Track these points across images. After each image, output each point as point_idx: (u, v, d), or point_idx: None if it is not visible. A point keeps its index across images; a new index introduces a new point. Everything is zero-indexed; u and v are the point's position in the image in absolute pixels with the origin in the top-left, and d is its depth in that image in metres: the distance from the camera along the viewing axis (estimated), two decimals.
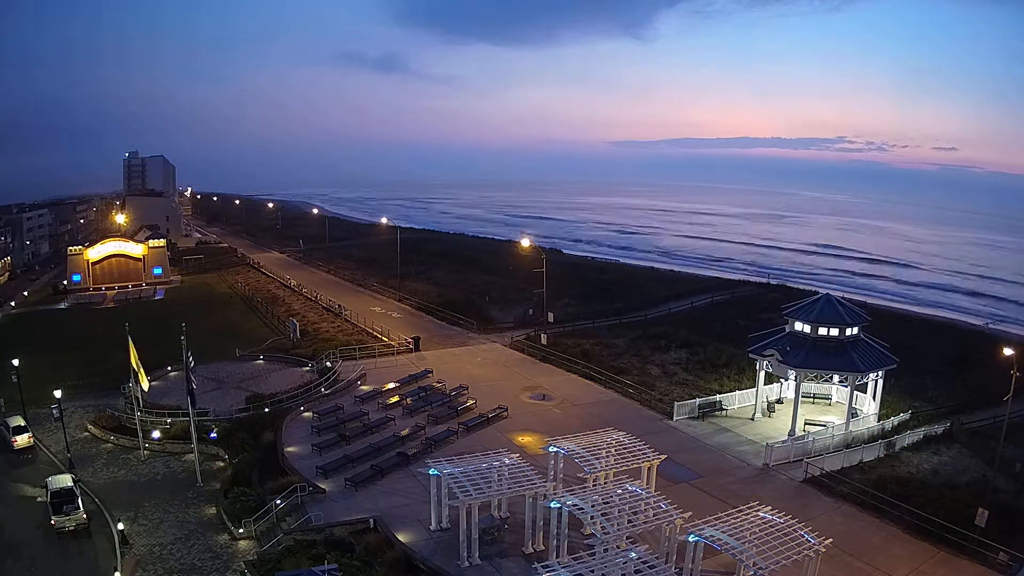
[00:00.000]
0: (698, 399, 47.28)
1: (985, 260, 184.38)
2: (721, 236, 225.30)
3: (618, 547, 25.51)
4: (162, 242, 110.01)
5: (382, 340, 65.75)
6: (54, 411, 43.90)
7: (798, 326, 44.16)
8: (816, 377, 45.84)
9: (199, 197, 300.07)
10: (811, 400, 47.99)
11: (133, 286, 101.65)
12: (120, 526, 32.76)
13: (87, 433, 46.06)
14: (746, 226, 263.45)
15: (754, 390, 46.90)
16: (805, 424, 43.15)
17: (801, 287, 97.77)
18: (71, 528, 32.88)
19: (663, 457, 33.91)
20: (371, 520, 32.50)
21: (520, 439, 42.29)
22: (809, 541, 25.76)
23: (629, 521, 27.23)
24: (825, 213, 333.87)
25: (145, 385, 43.18)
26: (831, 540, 26.39)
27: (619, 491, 29.31)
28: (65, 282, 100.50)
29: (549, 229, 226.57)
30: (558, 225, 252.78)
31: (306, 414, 46.45)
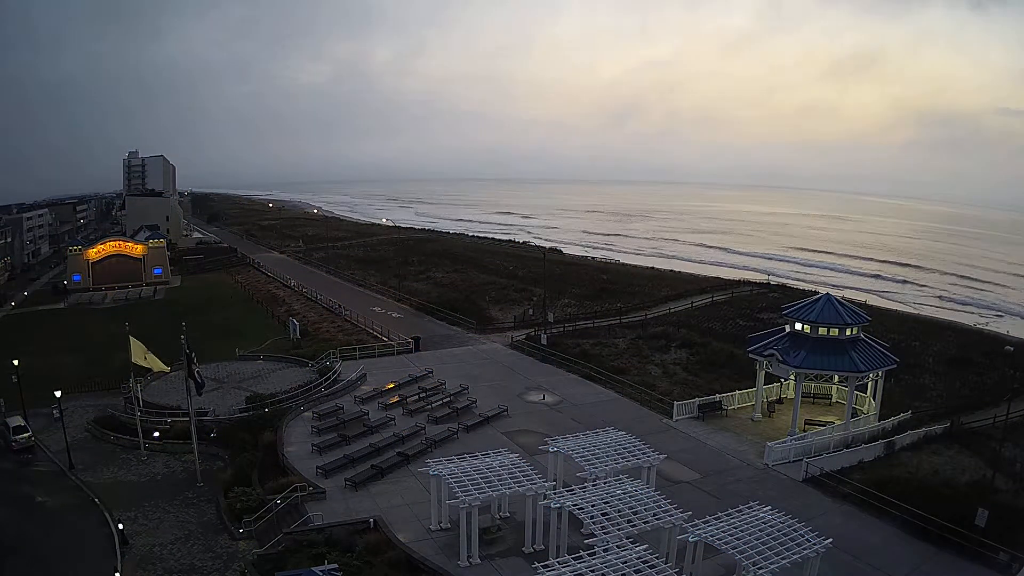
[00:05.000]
0: (698, 399, 47.23)
1: None
2: None
3: (618, 547, 25.49)
4: (162, 242, 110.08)
5: (382, 340, 65.76)
6: (54, 411, 44.08)
7: (798, 326, 44.15)
8: (816, 377, 45.82)
9: (195, 196, 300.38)
10: (811, 400, 47.94)
11: (133, 286, 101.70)
12: (120, 526, 32.81)
13: (87, 433, 46.11)
14: None
15: (754, 390, 46.89)
16: (805, 424, 43.16)
17: (801, 287, 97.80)
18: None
19: (663, 457, 33.87)
20: (371, 520, 32.44)
21: (520, 439, 42.29)
22: (809, 541, 25.75)
23: (629, 521, 27.18)
24: None
25: (162, 367, 44.33)
26: (831, 540, 26.35)
27: (619, 491, 29.27)
28: (65, 282, 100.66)
29: None
30: None
31: (306, 414, 46.42)
